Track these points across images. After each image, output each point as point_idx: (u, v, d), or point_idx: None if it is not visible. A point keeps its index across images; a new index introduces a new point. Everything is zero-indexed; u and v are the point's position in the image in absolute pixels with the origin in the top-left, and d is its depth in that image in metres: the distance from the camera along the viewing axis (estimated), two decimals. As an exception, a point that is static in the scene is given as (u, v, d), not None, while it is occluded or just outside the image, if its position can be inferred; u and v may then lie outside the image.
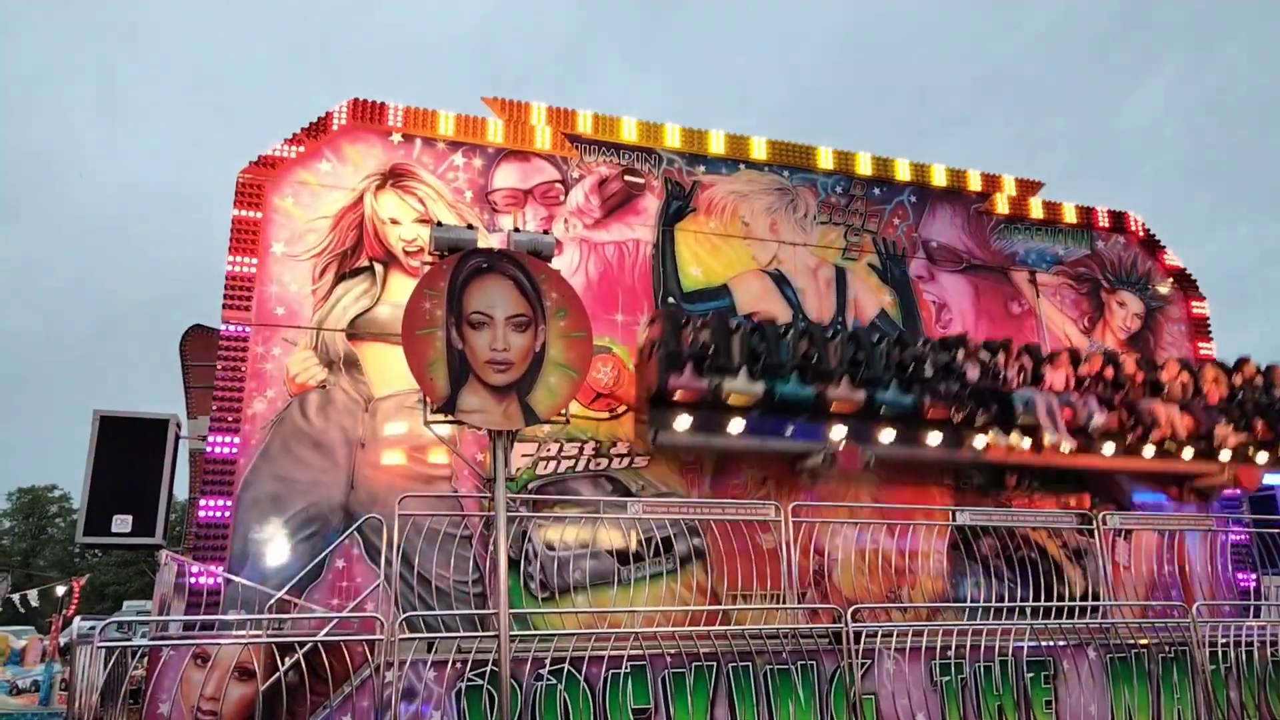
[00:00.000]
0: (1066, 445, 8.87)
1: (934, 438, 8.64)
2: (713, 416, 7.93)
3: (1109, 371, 9.48)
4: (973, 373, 8.84)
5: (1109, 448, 9.18)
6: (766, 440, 8.16)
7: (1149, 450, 9.30)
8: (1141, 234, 11.53)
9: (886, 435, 8.44)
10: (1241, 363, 10.15)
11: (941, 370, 8.68)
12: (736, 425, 7.97)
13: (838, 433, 8.23)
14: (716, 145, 9.82)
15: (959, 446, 8.74)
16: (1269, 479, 10.27)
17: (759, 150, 10.00)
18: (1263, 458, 9.72)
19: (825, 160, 10.25)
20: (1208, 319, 11.50)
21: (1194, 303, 11.53)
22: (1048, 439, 8.76)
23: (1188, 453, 9.45)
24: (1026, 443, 8.81)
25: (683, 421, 7.84)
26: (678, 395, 7.76)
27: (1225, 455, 9.56)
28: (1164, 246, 11.61)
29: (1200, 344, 11.36)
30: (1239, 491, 10.30)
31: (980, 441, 8.73)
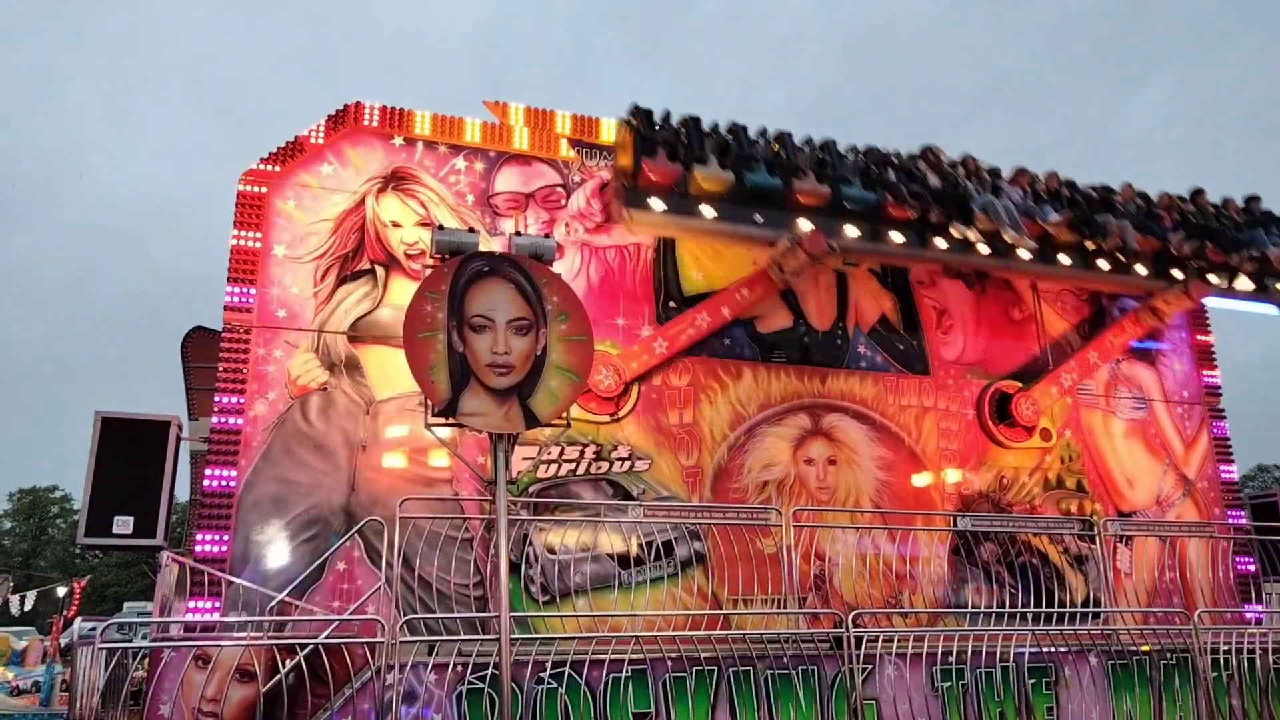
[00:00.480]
0: (1024, 250, 9.14)
1: (896, 236, 8.90)
2: (684, 202, 8.28)
3: (1064, 191, 9.93)
4: (934, 180, 9.14)
5: (1065, 257, 9.50)
6: (736, 226, 8.46)
7: (1104, 263, 9.62)
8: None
9: (851, 230, 8.73)
10: (1196, 193, 10.61)
11: (904, 174, 9.06)
12: (708, 210, 8.29)
13: (804, 225, 8.48)
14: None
15: (922, 247, 9.02)
16: (1215, 301, 10.54)
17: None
18: (1214, 279, 10.04)
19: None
20: (1211, 348, 11.49)
21: (1199, 335, 11.51)
22: (1008, 237, 8.97)
23: (1141, 268, 9.80)
24: (985, 247, 9.04)
25: (656, 203, 8.17)
26: (652, 176, 8.09)
27: (1179, 273, 9.92)
28: None
29: (1198, 335, 11.38)
30: (1185, 311, 10.67)
31: (942, 241, 8.98)
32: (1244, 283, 10.24)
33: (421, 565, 7.30)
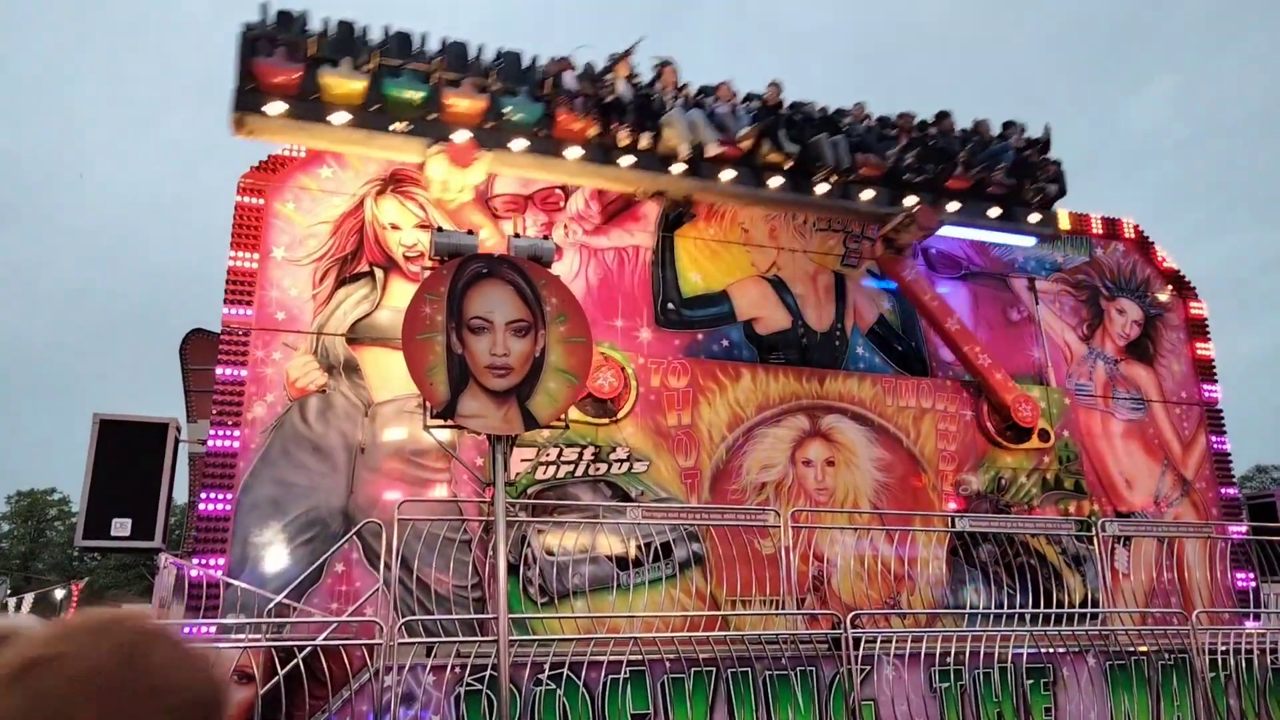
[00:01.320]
0: (728, 173, 8.37)
1: (572, 152, 8.10)
2: (311, 108, 7.53)
3: (784, 110, 8.96)
4: (623, 89, 8.29)
5: (775, 180, 8.60)
6: (373, 134, 7.70)
7: (821, 186, 8.72)
8: (1133, 235, 11.52)
9: (516, 143, 7.96)
10: (941, 116, 9.68)
11: (589, 82, 8.27)
12: (339, 117, 7.51)
13: (458, 138, 7.73)
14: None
15: (606, 163, 8.27)
16: (957, 231, 9.62)
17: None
18: (952, 206, 9.18)
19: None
20: (1205, 319, 11.49)
21: (1192, 304, 11.52)
22: (683, 151, 8.15)
23: (867, 193, 8.93)
24: (677, 166, 8.25)
25: (274, 107, 7.37)
26: (272, 80, 7.39)
27: (911, 200, 8.97)
28: (1153, 244, 11.56)
29: (1198, 344, 11.38)
30: (922, 238, 9.35)
31: (625, 160, 8.23)
32: (993, 211, 9.37)
33: (420, 567, 7.30)
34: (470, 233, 6.35)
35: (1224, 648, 7.59)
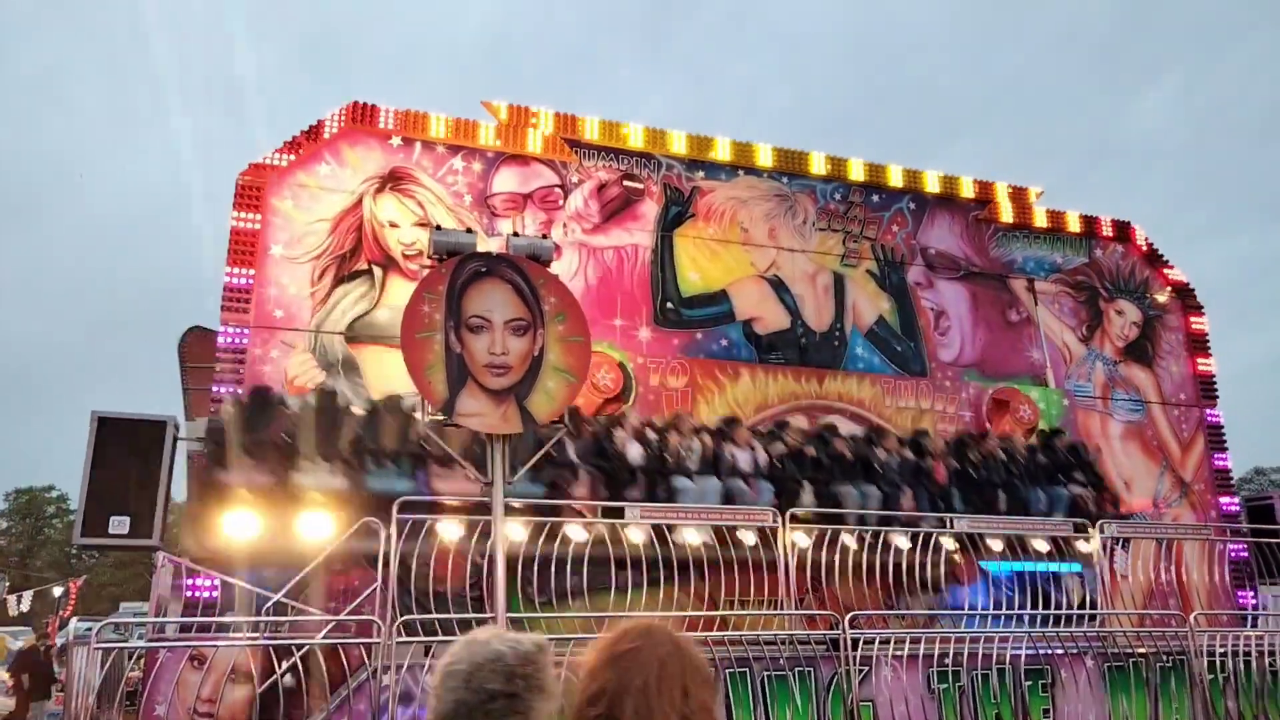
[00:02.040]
0: None
1: None
2: None
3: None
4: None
5: None
6: None
7: None
8: (1145, 248, 11.53)
9: None
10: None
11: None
12: None
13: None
14: (719, 151, 9.83)
15: None
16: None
17: (763, 156, 10.00)
18: None
19: (818, 165, 10.20)
20: (1206, 335, 11.49)
21: (1193, 318, 11.51)
22: None
23: None
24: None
25: None
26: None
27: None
28: (1169, 263, 11.58)
29: (1199, 359, 11.35)
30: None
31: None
32: None
33: (418, 566, 7.29)
34: (469, 231, 6.34)
35: (1222, 650, 7.58)
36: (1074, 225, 11.29)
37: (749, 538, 7.76)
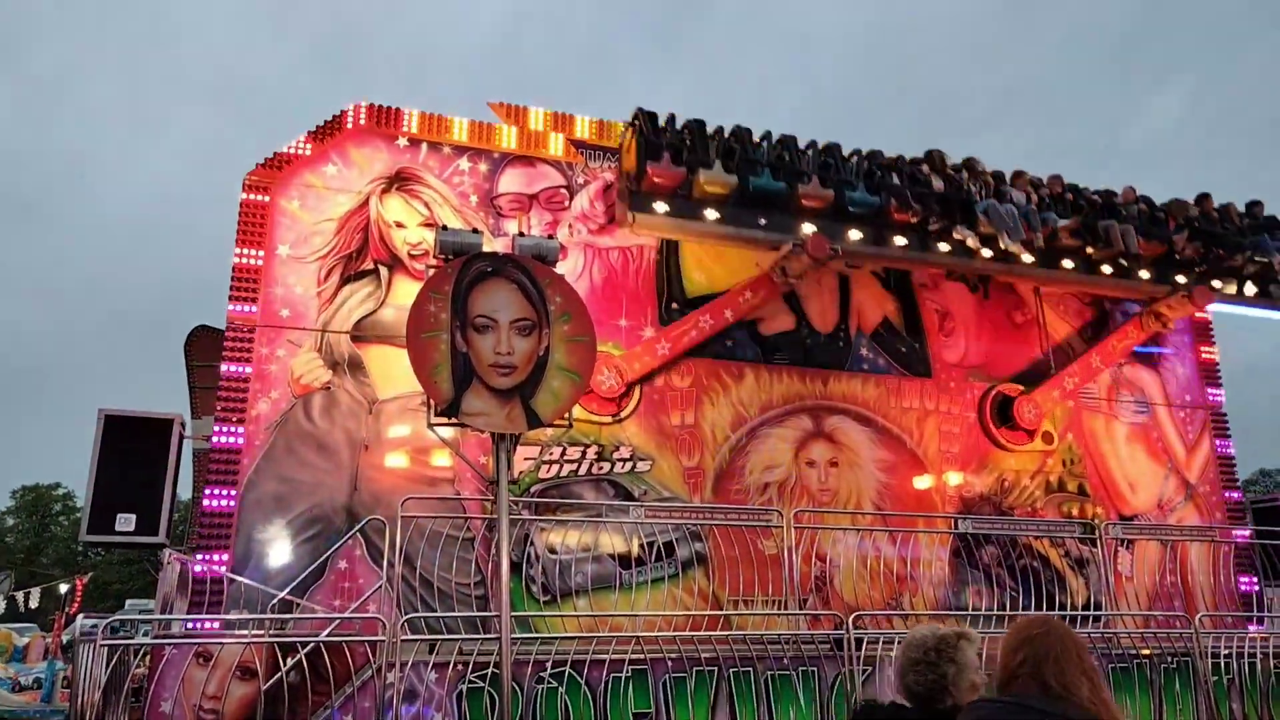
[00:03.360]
0: (1026, 256, 9.19)
1: (900, 239, 8.96)
2: (688, 205, 8.33)
3: (1068, 195, 9.95)
4: (938, 184, 9.14)
5: (1068, 261, 9.56)
6: (740, 230, 8.52)
7: (1106, 267, 9.66)
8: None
9: (855, 234, 8.76)
10: (1202, 198, 10.53)
11: (907, 178, 9.07)
12: (712, 213, 8.34)
13: (808, 228, 8.51)
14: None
15: (924, 250, 9.08)
16: (1220, 307, 10.54)
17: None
18: (1218, 284, 10.08)
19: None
20: (1210, 323, 11.47)
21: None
22: (1004, 243, 8.97)
23: (1144, 272, 9.80)
24: (988, 251, 9.07)
25: (660, 206, 8.23)
26: (656, 180, 8.14)
27: (1182, 278, 9.95)
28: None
29: (1203, 348, 11.35)
30: (1189, 316, 10.55)
31: (944, 246, 9.05)
32: (1248, 288, 10.23)
33: (423, 564, 7.32)
34: (475, 231, 6.36)
35: (1227, 651, 7.57)
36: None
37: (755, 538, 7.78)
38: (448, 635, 6.47)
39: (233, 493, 7.30)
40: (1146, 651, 7.59)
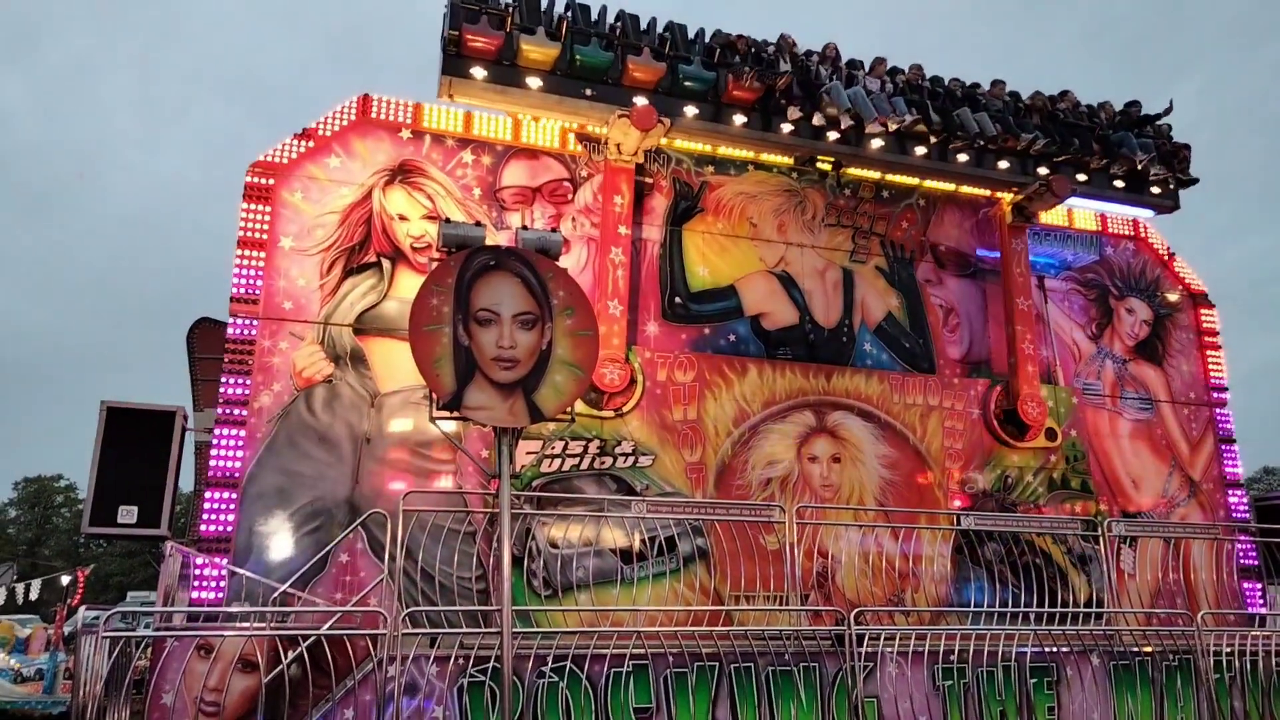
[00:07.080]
0: (877, 141, 9.11)
1: (739, 118, 8.83)
2: (510, 72, 8.25)
3: (926, 84, 9.81)
4: (783, 65, 8.97)
5: (920, 148, 9.41)
6: (564, 99, 8.44)
7: (963, 155, 9.56)
8: (1165, 255, 11.47)
9: (690, 110, 8.67)
10: (1064, 93, 10.54)
11: (750, 57, 8.93)
12: (535, 81, 8.27)
13: (640, 101, 8.42)
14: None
15: (766, 129, 8.99)
16: (1084, 202, 10.58)
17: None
18: (1081, 176, 10.00)
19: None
20: (1217, 332, 11.41)
21: (1203, 310, 11.45)
22: (845, 124, 8.87)
23: (1003, 163, 9.71)
24: (833, 134, 9.02)
25: (478, 71, 8.11)
26: (474, 44, 8.05)
27: (1044, 170, 9.82)
28: (1174, 253, 11.52)
29: (1209, 353, 11.29)
30: (1053, 206, 10.25)
31: (787, 127, 8.97)
32: (1118, 184, 10.17)
33: (424, 558, 7.32)
34: (478, 224, 6.33)
35: (1229, 649, 7.56)
36: (1085, 223, 11.25)
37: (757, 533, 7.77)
38: (449, 629, 6.47)
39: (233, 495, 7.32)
40: (1148, 649, 7.58)
